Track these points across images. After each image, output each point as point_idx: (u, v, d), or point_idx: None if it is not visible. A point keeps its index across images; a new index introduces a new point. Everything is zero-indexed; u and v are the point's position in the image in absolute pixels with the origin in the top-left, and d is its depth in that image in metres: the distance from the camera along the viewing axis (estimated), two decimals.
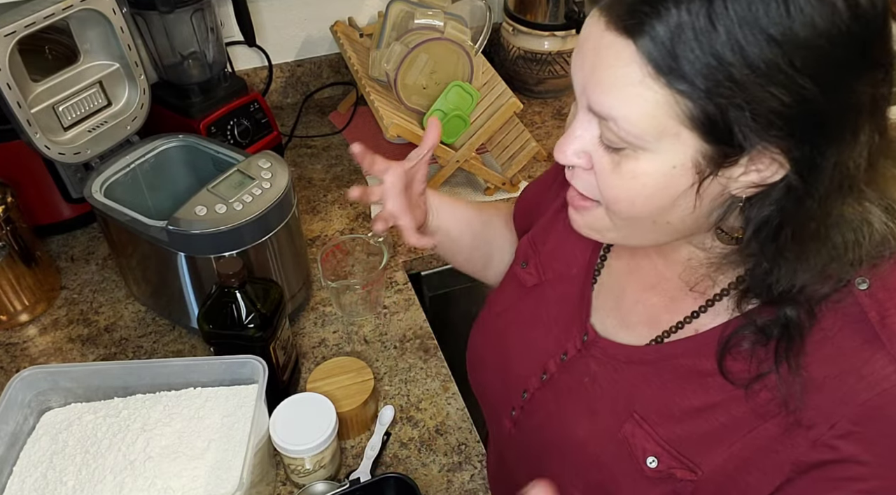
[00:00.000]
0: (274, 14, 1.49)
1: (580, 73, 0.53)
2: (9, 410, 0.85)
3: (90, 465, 0.84)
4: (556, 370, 0.72)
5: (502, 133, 1.39)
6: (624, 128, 0.51)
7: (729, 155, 0.50)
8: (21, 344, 1.10)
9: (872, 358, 0.53)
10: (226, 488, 0.82)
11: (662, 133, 0.50)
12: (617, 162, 0.54)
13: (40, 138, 1.02)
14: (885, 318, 0.53)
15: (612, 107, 0.51)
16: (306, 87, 1.60)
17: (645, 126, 0.50)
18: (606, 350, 0.69)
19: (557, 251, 0.77)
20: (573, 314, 0.72)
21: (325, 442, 0.86)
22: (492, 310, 0.83)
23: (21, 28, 0.95)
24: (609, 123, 0.52)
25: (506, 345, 0.79)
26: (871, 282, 0.54)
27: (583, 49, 0.53)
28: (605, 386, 0.68)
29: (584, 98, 0.54)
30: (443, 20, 1.27)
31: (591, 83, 0.52)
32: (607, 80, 0.51)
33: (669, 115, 0.49)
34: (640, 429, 0.63)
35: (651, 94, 0.49)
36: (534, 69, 1.54)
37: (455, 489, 0.92)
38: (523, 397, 0.75)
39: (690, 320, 0.64)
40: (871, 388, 0.53)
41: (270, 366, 0.90)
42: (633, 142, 0.52)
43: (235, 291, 0.89)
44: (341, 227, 1.29)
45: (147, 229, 0.96)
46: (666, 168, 0.52)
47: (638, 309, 0.68)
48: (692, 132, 0.49)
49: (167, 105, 1.28)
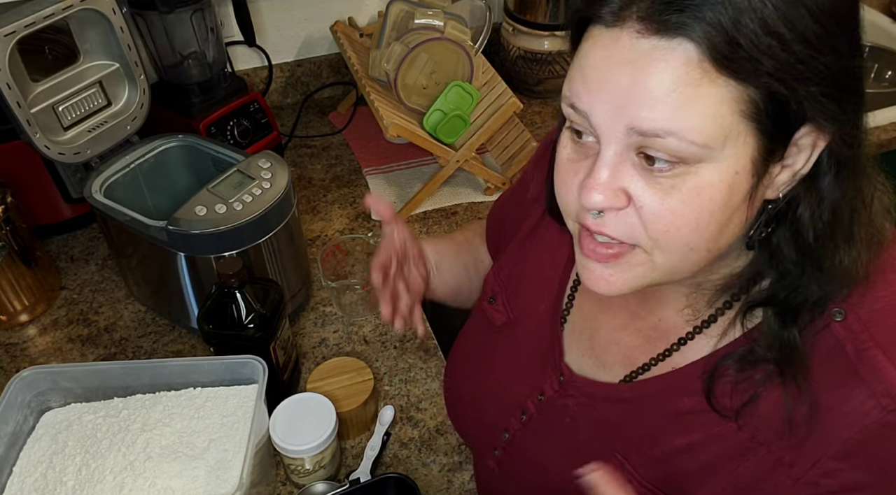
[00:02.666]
0: (274, 14, 1.49)
1: (606, 98, 0.47)
2: (9, 410, 0.85)
3: (90, 465, 0.84)
4: (535, 410, 0.71)
5: (502, 133, 1.39)
6: (687, 139, 0.45)
7: (776, 149, 0.48)
8: (21, 344, 1.10)
9: (852, 394, 0.51)
10: (226, 488, 0.82)
11: (728, 134, 0.46)
12: (670, 185, 0.47)
13: (40, 138, 1.02)
14: (861, 351, 0.51)
15: (670, 119, 0.45)
16: (306, 87, 1.60)
17: (711, 130, 0.45)
18: (584, 389, 0.67)
19: (523, 287, 0.75)
20: (546, 354, 0.70)
21: (325, 443, 0.86)
22: (463, 349, 0.82)
23: (21, 28, 0.95)
24: (665, 140, 0.45)
25: (481, 385, 0.77)
26: (845, 312, 0.52)
27: (602, 72, 0.47)
28: (585, 426, 0.66)
29: (618, 123, 0.47)
30: (443, 20, 1.27)
31: (632, 102, 0.45)
32: (658, 91, 0.44)
33: (734, 111, 0.45)
34: (621, 470, 0.62)
35: (713, 91, 0.44)
36: (534, 69, 1.54)
37: (455, 489, 0.92)
38: (504, 437, 0.73)
39: (668, 355, 0.62)
40: (853, 426, 0.51)
41: (270, 366, 0.90)
42: (695, 154, 0.46)
43: (235, 291, 0.89)
44: (341, 227, 1.29)
45: (147, 229, 0.96)
46: (730, 175, 0.47)
47: (612, 349, 0.66)
48: (752, 127, 0.46)
49: (167, 105, 1.28)
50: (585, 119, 0.49)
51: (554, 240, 0.74)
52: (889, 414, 0.50)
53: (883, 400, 0.50)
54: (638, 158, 0.48)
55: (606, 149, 0.48)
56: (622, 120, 0.47)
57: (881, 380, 0.50)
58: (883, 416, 0.50)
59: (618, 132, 0.47)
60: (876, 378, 0.50)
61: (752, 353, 0.55)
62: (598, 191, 0.49)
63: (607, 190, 0.49)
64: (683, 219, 0.48)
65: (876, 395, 0.50)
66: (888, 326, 0.52)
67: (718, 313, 0.59)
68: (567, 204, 0.54)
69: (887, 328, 0.52)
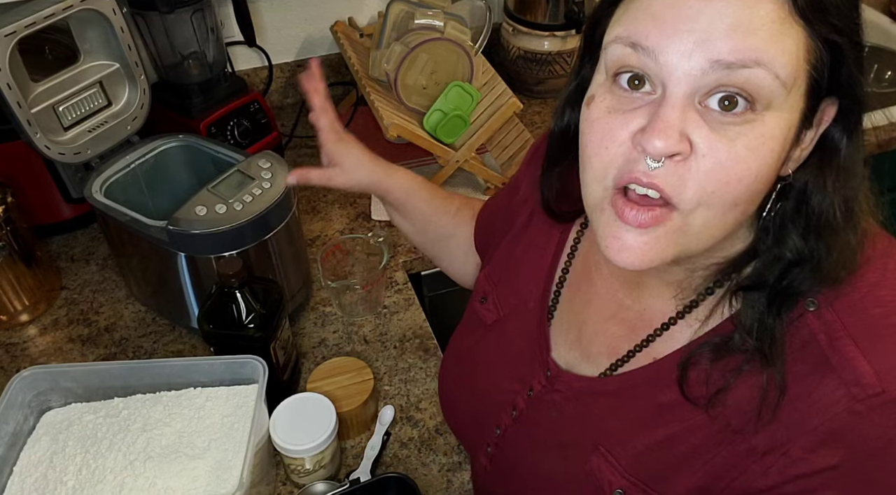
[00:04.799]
0: (274, 14, 1.49)
1: (693, 32, 0.45)
2: (9, 410, 0.85)
3: (90, 465, 0.84)
4: (524, 406, 0.71)
5: (502, 133, 1.39)
6: (774, 71, 0.45)
7: (810, 116, 0.49)
8: (21, 344, 1.10)
9: (822, 382, 0.52)
10: (226, 488, 0.82)
11: (796, 78, 0.47)
12: (737, 132, 0.47)
13: (40, 138, 1.02)
14: (833, 341, 0.52)
15: (763, 49, 0.45)
16: None
17: (791, 69, 0.46)
18: (570, 384, 0.68)
19: (513, 285, 0.76)
20: (534, 350, 0.71)
21: (325, 442, 0.86)
22: (456, 349, 0.83)
23: (21, 28, 0.95)
24: (752, 71, 0.45)
25: (473, 383, 0.78)
26: (819, 303, 0.53)
27: (686, 7, 0.46)
28: (571, 420, 0.67)
29: (693, 62, 0.46)
30: (443, 20, 1.27)
31: (721, 34, 0.45)
32: (750, 21, 0.45)
33: (803, 58, 0.47)
34: (605, 463, 0.63)
35: (795, 32, 0.46)
36: (534, 69, 1.54)
37: (455, 489, 0.92)
38: (496, 433, 0.74)
39: (650, 342, 0.62)
40: (822, 413, 0.52)
41: (270, 366, 0.90)
42: (772, 92, 0.46)
43: (235, 291, 0.89)
44: (341, 227, 1.29)
45: (147, 229, 0.96)
46: (786, 129, 0.48)
47: (599, 340, 0.67)
48: (805, 84, 0.48)
49: (167, 105, 1.28)
50: (652, 59, 0.47)
51: (542, 238, 0.75)
52: (858, 403, 0.51)
53: (853, 390, 0.51)
54: (701, 107, 0.47)
55: (676, 89, 0.47)
56: (705, 54, 0.46)
57: (852, 370, 0.51)
58: (852, 405, 0.51)
59: (694, 70, 0.46)
60: (847, 367, 0.51)
61: (727, 342, 0.55)
62: (669, 134, 0.46)
63: (677, 132, 0.47)
64: (746, 167, 0.47)
65: (846, 384, 0.51)
66: (861, 318, 0.53)
67: (700, 298, 0.60)
68: (611, 159, 0.51)
69: (860, 319, 0.53)
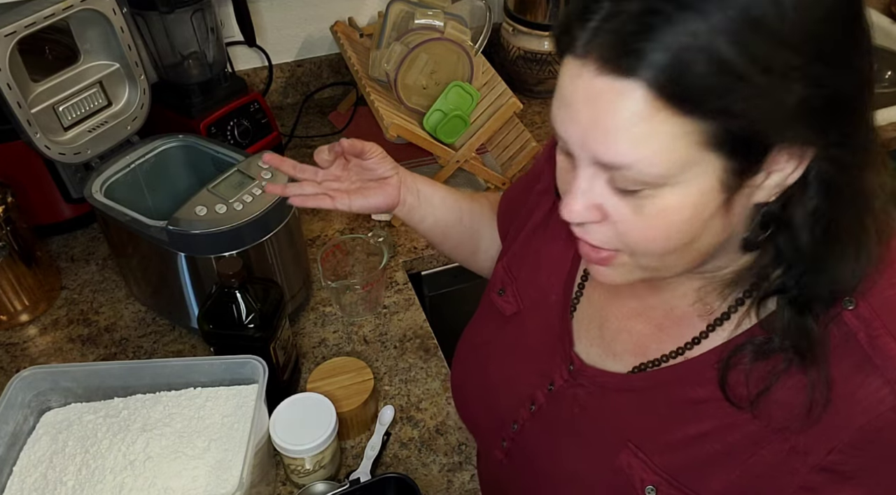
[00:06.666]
0: (274, 14, 1.49)
1: (575, 128, 0.50)
2: (9, 410, 0.85)
3: (90, 465, 0.84)
4: (544, 400, 0.71)
5: (502, 133, 1.39)
6: (643, 171, 0.48)
7: (752, 164, 0.48)
8: (21, 344, 1.10)
9: (866, 381, 0.52)
10: (226, 488, 0.82)
11: (685, 164, 0.47)
12: (638, 205, 0.50)
13: (40, 138, 1.02)
14: (874, 339, 0.52)
15: (625, 154, 0.47)
16: (306, 87, 1.60)
17: (667, 163, 0.47)
18: (594, 378, 0.67)
19: (533, 277, 0.76)
20: (555, 343, 0.71)
21: (325, 442, 0.86)
22: (472, 342, 0.82)
23: (21, 28, 0.95)
24: (624, 171, 0.48)
25: (489, 377, 0.78)
26: (856, 300, 0.53)
27: (571, 103, 0.49)
28: (595, 416, 0.67)
29: (585, 152, 0.50)
30: (443, 20, 1.27)
31: (593, 136, 0.48)
32: (614, 128, 0.47)
33: (690, 144, 0.46)
34: (636, 459, 0.63)
35: (667, 128, 0.46)
36: (534, 69, 1.54)
37: (455, 489, 0.92)
38: (513, 428, 0.74)
39: (681, 353, 0.62)
40: (867, 413, 0.52)
41: (270, 366, 0.90)
42: (654, 182, 0.48)
43: (235, 291, 0.89)
44: (341, 227, 1.29)
45: (147, 229, 0.96)
46: (694, 196, 0.49)
47: (622, 337, 0.67)
48: (715, 153, 0.47)
49: (167, 105, 1.28)
50: (564, 142, 0.52)
51: (564, 232, 0.74)
52: None
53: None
54: (609, 178, 0.51)
55: (581, 170, 0.52)
56: (586, 151, 0.50)
57: (895, 368, 0.51)
58: None
59: (587, 158, 0.51)
60: (889, 365, 0.51)
61: (767, 343, 0.56)
62: (570, 208, 0.53)
63: (583, 207, 0.53)
64: (653, 232, 0.52)
65: (890, 383, 0.51)
66: None
67: (732, 310, 0.60)
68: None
69: None
